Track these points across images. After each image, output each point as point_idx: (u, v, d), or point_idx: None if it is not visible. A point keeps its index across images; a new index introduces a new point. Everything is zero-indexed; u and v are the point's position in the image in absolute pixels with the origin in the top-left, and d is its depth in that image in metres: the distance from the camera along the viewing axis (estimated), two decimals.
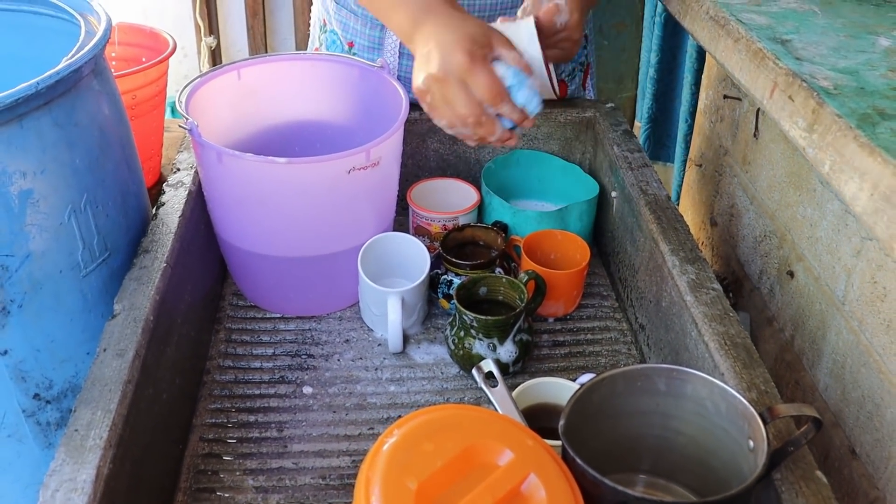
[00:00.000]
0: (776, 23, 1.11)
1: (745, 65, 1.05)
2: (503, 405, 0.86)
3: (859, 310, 1.05)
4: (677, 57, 2.22)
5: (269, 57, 1.28)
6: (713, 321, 0.97)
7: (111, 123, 1.01)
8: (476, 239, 1.26)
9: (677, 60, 2.22)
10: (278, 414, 1.07)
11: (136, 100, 1.40)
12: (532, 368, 1.15)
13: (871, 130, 0.79)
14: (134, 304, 0.95)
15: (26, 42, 1.11)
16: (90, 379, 0.85)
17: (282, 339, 1.19)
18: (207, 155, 1.08)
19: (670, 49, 2.21)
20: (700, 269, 1.06)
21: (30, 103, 0.85)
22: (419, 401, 1.09)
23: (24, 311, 0.92)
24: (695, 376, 0.83)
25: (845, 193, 0.79)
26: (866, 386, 1.03)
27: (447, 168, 1.43)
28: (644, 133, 2.36)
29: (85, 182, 0.95)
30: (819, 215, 1.15)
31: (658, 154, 2.39)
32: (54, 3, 1.06)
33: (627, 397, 0.84)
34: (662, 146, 2.38)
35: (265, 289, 1.21)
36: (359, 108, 1.30)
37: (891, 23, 1.11)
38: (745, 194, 1.41)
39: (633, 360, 1.18)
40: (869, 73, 0.94)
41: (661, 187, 1.22)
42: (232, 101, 1.25)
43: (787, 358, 1.25)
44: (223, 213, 1.16)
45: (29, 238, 0.89)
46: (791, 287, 1.24)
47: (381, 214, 1.20)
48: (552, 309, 1.22)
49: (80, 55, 0.91)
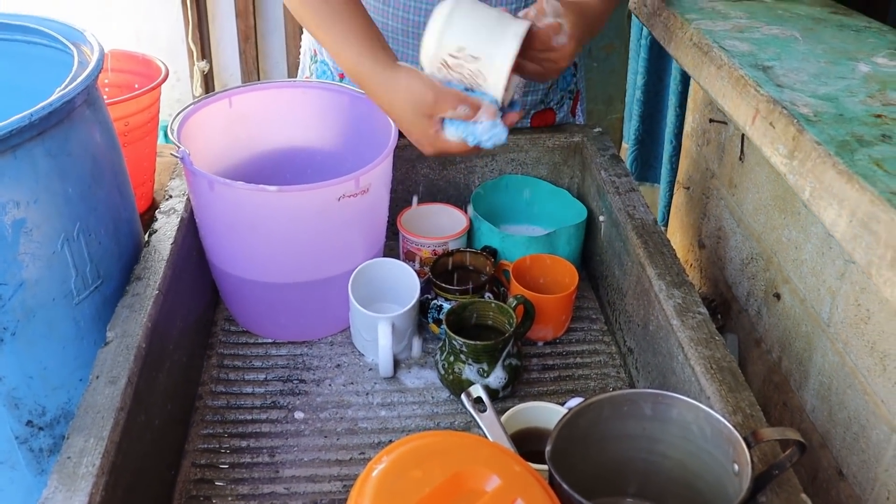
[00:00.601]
0: (758, 49, 1.13)
1: (728, 91, 1.06)
2: (492, 430, 0.87)
3: (844, 332, 1.06)
4: (663, 79, 2.24)
5: (260, 84, 1.30)
6: (699, 345, 0.98)
7: (103, 152, 1.02)
8: (465, 264, 1.28)
9: (663, 83, 2.24)
10: (270, 439, 1.08)
11: (129, 126, 1.41)
12: (521, 392, 1.16)
13: (849, 157, 0.80)
14: (126, 331, 0.96)
15: (20, 70, 1.12)
16: (83, 406, 0.85)
17: (273, 365, 1.20)
18: (199, 183, 1.09)
19: (656, 71, 2.24)
20: (686, 293, 1.07)
21: (23, 134, 0.86)
22: (409, 425, 1.10)
23: (17, 339, 0.93)
24: (680, 401, 0.84)
25: (825, 219, 0.81)
26: (852, 407, 1.04)
27: (437, 193, 1.44)
28: (631, 154, 2.38)
29: (77, 211, 0.96)
30: (804, 238, 1.17)
31: (645, 175, 2.41)
32: (48, 33, 1.08)
33: (614, 422, 0.85)
34: (649, 167, 2.40)
35: (257, 314, 1.22)
36: (349, 135, 1.31)
37: (870, 48, 1.13)
38: (732, 217, 1.43)
39: (622, 383, 1.19)
40: (848, 99, 0.95)
41: (647, 212, 1.24)
42: (224, 128, 1.27)
43: (774, 379, 1.26)
44: (215, 240, 1.17)
45: (22, 267, 0.90)
46: (778, 309, 1.25)
47: (371, 240, 1.21)
48: (541, 333, 1.23)
49: (73, 86, 0.92)
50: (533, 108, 1.46)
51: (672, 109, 2.04)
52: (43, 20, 1.11)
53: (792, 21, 1.25)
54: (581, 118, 1.57)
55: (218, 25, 3.30)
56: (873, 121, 0.89)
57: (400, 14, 1.30)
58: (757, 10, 1.31)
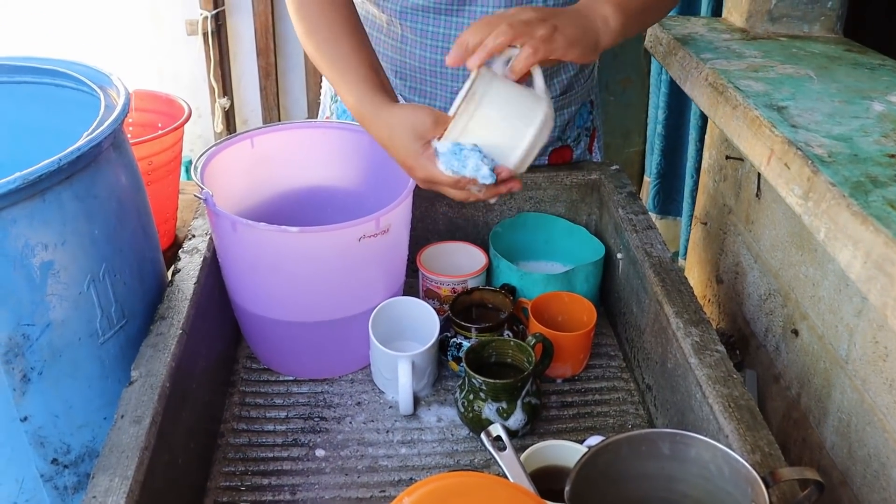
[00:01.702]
0: (773, 89, 1.14)
1: (744, 132, 1.08)
2: (511, 469, 0.88)
3: (862, 369, 1.06)
4: (684, 114, 2.26)
5: (282, 125, 1.32)
6: (717, 383, 0.99)
7: (128, 193, 1.04)
8: (485, 302, 1.29)
9: (684, 117, 2.26)
10: (291, 477, 1.09)
11: (153, 165, 1.44)
12: (541, 430, 1.16)
13: (863, 199, 0.81)
14: (150, 370, 0.97)
15: (48, 112, 1.15)
16: (108, 446, 0.87)
17: (295, 402, 1.21)
18: (222, 223, 1.11)
19: (677, 106, 2.26)
20: (704, 330, 1.08)
21: (52, 178, 0.88)
22: (430, 463, 1.11)
23: (43, 379, 0.95)
24: (698, 440, 0.84)
25: (840, 260, 0.81)
26: (872, 445, 1.04)
27: (456, 231, 1.46)
28: (653, 188, 2.39)
29: (103, 252, 0.98)
30: (821, 275, 1.17)
31: (668, 209, 2.43)
32: (75, 77, 1.10)
33: (632, 461, 0.86)
34: (672, 201, 2.41)
35: (278, 352, 1.24)
36: (369, 174, 1.33)
37: (884, 86, 1.14)
38: (750, 253, 1.43)
39: (641, 420, 1.20)
40: (862, 139, 0.96)
41: (665, 249, 1.25)
42: (246, 168, 1.29)
43: (794, 416, 1.26)
44: (237, 279, 1.19)
45: (49, 308, 0.92)
46: (796, 345, 1.26)
47: (392, 279, 1.23)
48: (560, 370, 1.24)
49: (100, 130, 0.94)
50: (550, 145, 1.47)
51: (693, 144, 2.05)
52: (71, 64, 1.14)
53: (807, 59, 1.27)
54: (598, 155, 1.58)
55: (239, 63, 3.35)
56: (888, 161, 0.90)
57: (417, 52, 1.32)
58: (772, 49, 1.33)
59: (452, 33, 1.28)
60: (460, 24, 1.27)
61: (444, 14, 1.27)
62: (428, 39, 1.30)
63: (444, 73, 1.33)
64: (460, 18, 1.27)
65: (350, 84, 1.16)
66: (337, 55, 1.18)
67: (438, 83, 1.35)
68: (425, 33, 1.29)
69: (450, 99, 1.34)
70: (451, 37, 1.29)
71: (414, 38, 1.31)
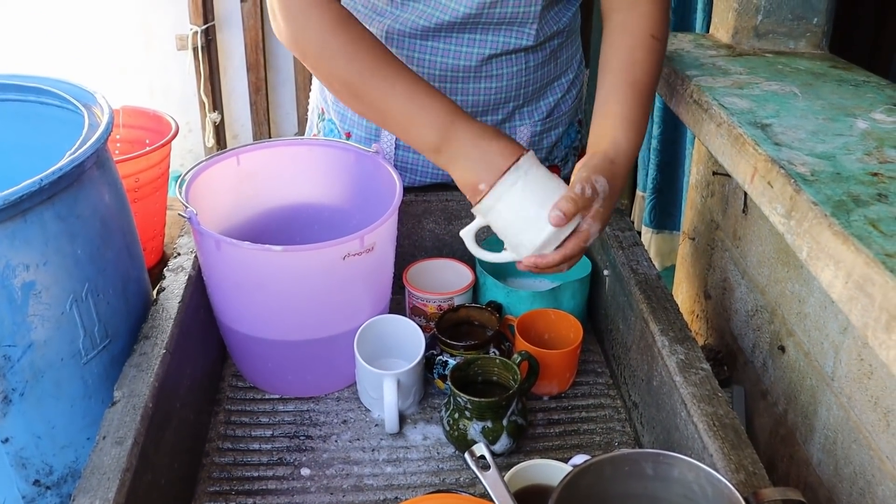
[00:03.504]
0: (757, 106, 1.14)
1: (727, 149, 1.08)
2: (495, 488, 0.88)
3: (848, 386, 1.06)
4: (679, 127, 2.26)
5: (268, 142, 1.32)
6: (702, 402, 0.98)
7: (112, 212, 1.04)
8: (471, 319, 1.29)
9: (679, 131, 2.27)
10: (276, 496, 1.08)
11: (139, 182, 1.43)
12: (527, 448, 1.16)
13: (845, 218, 0.81)
14: (133, 391, 0.97)
15: (33, 131, 1.15)
16: (89, 467, 0.86)
17: (280, 421, 1.20)
18: (206, 242, 1.11)
19: (672, 120, 2.26)
20: (689, 348, 1.08)
21: (33, 199, 0.88)
22: (415, 482, 1.10)
23: (25, 400, 0.94)
24: (681, 461, 0.84)
25: (822, 280, 0.81)
26: (857, 462, 1.04)
27: (443, 248, 1.46)
28: (650, 203, 2.40)
29: (86, 272, 0.97)
30: (806, 292, 1.17)
31: (664, 223, 2.43)
32: (60, 95, 1.10)
33: (615, 482, 0.86)
34: (668, 215, 2.42)
35: (264, 370, 1.23)
36: (354, 192, 1.33)
37: (868, 104, 1.14)
38: (737, 269, 1.43)
39: (628, 437, 1.19)
40: (845, 157, 0.96)
41: (651, 266, 1.25)
42: (232, 185, 1.29)
43: (781, 432, 1.26)
44: (222, 298, 1.19)
45: (31, 328, 0.92)
46: (783, 362, 1.25)
47: (377, 297, 1.22)
48: (547, 388, 1.24)
49: (83, 150, 0.94)
50: None
51: (689, 158, 2.05)
52: (55, 82, 1.13)
53: (792, 76, 1.27)
54: None
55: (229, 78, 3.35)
56: (870, 179, 0.90)
57: (426, 71, 1.31)
58: (757, 66, 1.33)
59: (438, 59, 1.28)
60: (447, 50, 1.27)
61: (430, 40, 1.27)
62: (414, 65, 1.30)
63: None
64: (446, 45, 1.27)
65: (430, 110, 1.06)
66: (410, 81, 1.08)
67: None
68: (411, 59, 1.29)
69: None
70: (436, 62, 1.28)
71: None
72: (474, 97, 1.33)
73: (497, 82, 1.32)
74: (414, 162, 1.41)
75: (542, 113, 1.40)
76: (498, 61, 1.30)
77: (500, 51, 1.28)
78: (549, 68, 1.36)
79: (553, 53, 1.35)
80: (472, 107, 1.34)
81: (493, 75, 1.31)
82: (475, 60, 1.28)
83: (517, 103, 1.37)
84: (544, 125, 1.41)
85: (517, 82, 1.33)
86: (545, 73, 1.36)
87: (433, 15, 1.24)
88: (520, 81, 1.34)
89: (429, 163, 1.40)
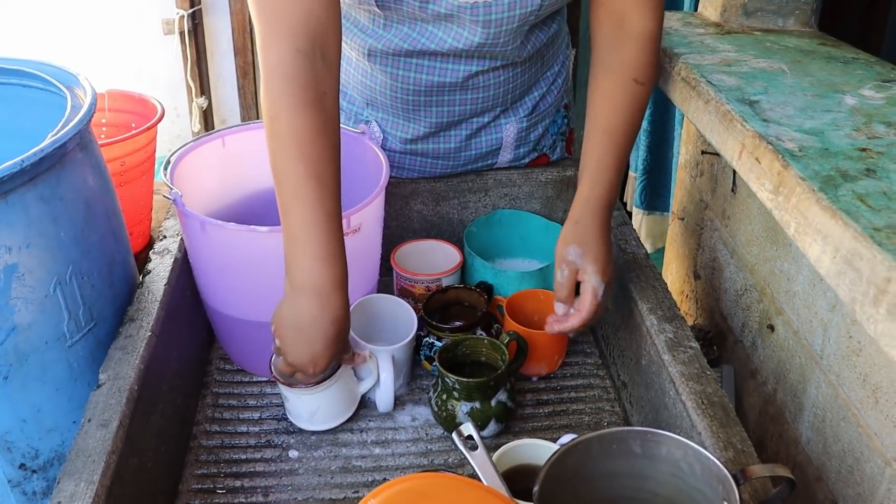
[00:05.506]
0: (745, 83, 1.13)
1: (715, 126, 1.07)
2: (483, 469, 0.87)
3: (837, 364, 1.06)
4: (669, 109, 2.26)
5: (253, 124, 1.31)
6: (690, 380, 0.98)
7: (97, 195, 1.03)
8: (460, 300, 1.28)
9: (669, 112, 2.26)
10: (264, 478, 1.08)
11: (125, 166, 1.42)
12: (516, 428, 1.16)
13: (833, 193, 0.81)
14: (119, 373, 0.96)
15: (16, 114, 1.14)
16: (74, 450, 0.86)
17: (268, 403, 1.20)
18: (191, 224, 1.10)
19: (662, 100, 2.25)
20: (678, 327, 1.07)
21: (15, 180, 0.87)
22: (403, 463, 1.10)
23: (9, 383, 0.93)
24: (669, 438, 0.84)
25: (810, 255, 0.81)
26: (846, 440, 1.04)
27: (431, 229, 1.45)
28: (640, 184, 2.39)
29: (70, 254, 0.96)
30: (795, 270, 1.17)
31: (655, 204, 2.43)
32: (43, 77, 1.09)
33: (603, 460, 0.85)
34: (658, 196, 2.41)
35: (251, 353, 1.23)
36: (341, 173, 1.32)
37: (857, 80, 1.14)
38: (726, 248, 1.43)
39: (617, 417, 1.19)
40: (834, 133, 0.96)
41: (639, 245, 1.24)
42: (217, 168, 1.28)
43: (770, 411, 1.26)
44: (208, 280, 1.18)
45: (14, 311, 0.91)
46: (772, 340, 1.25)
47: (365, 278, 1.22)
48: (536, 368, 1.23)
49: (65, 131, 0.93)
50: (526, 157, 1.46)
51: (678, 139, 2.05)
52: (39, 64, 1.12)
53: (780, 54, 1.26)
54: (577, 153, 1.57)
55: (216, 62, 3.33)
56: (858, 154, 0.90)
57: (387, 92, 1.30)
58: (746, 43, 1.32)
59: (424, 77, 1.26)
60: (431, 67, 1.25)
61: (415, 58, 1.25)
62: (398, 82, 1.28)
63: (415, 107, 1.32)
64: (431, 63, 1.25)
65: (332, 247, 1.01)
66: (330, 209, 1.01)
67: (411, 116, 1.34)
68: (395, 76, 1.27)
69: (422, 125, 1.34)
70: (421, 80, 1.27)
71: (384, 79, 1.29)
72: (461, 107, 1.32)
73: (483, 93, 1.31)
74: (400, 161, 1.40)
75: (527, 109, 1.39)
76: (485, 76, 1.28)
77: (487, 67, 1.27)
78: (536, 69, 1.35)
79: (539, 55, 1.33)
80: (458, 116, 1.34)
81: (479, 87, 1.29)
82: (461, 77, 1.27)
83: (503, 107, 1.36)
84: (530, 120, 1.40)
85: (504, 90, 1.32)
86: (532, 76, 1.35)
87: (418, 41, 1.22)
88: (506, 89, 1.32)
89: (415, 160, 1.39)
